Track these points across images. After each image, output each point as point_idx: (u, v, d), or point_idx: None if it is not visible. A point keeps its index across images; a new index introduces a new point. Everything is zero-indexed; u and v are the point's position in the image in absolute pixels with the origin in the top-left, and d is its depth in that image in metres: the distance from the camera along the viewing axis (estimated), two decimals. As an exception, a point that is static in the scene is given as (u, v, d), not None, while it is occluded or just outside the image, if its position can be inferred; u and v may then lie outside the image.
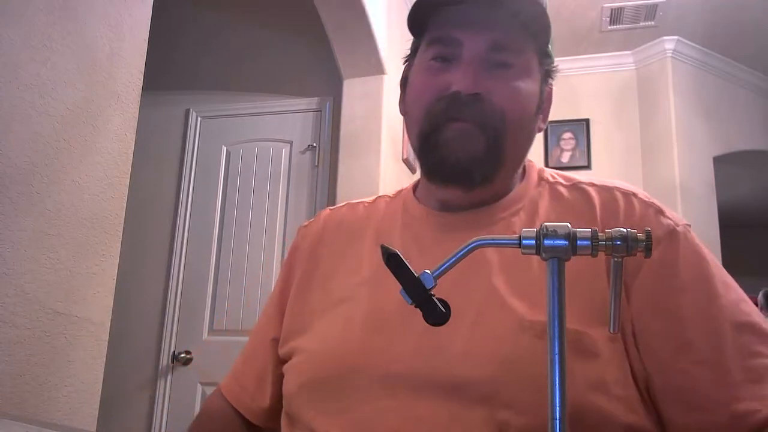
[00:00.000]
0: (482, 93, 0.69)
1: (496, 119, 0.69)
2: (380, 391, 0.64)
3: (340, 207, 0.88)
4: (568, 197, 0.73)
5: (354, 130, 2.74)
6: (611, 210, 0.69)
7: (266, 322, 0.85)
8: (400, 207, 0.81)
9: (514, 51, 0.71)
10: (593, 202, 0.71)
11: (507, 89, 0.70)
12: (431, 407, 0.61)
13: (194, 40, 3.29)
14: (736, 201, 5.12)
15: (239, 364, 0.87)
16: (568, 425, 0.38)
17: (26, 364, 1.09)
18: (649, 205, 0.70)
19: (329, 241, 0.83)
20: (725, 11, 3.30)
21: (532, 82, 0.72)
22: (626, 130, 3.69)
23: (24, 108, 1.10)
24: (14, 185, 1.08)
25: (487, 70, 0.70)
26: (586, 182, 0.75)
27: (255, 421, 0.83)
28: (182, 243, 3.01)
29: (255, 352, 0.85)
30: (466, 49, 0.70)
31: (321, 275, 0.80)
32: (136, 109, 1.39)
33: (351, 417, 0.64)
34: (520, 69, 0.71)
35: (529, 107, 0.72)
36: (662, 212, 0.69)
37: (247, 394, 0.83)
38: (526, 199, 0.74)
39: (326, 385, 0.68)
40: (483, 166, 0.70)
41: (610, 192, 0.72)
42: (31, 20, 1.11)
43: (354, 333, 0.69)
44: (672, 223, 0.68)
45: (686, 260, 0.66)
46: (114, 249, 1.31)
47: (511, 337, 0.62)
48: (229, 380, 0.87)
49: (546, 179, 0.77)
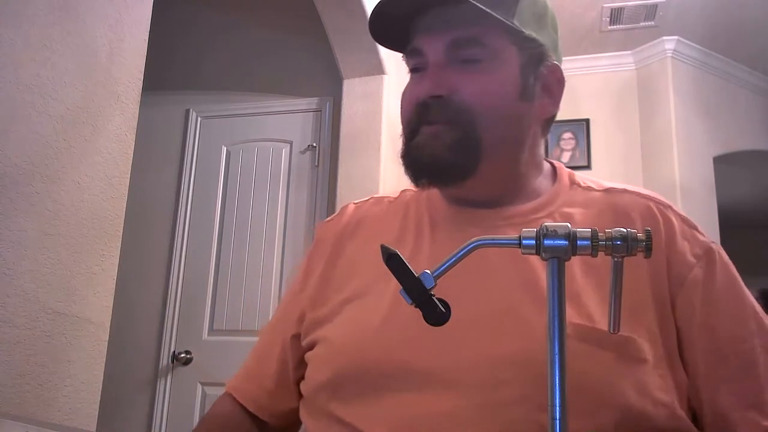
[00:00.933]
0: (446, 94, 0.71)
1: (462, 115, 0.70)
2: (404, 384, 0.64)
3: (366, 201, 0.88)
4: (606, 206, 0.74)
5: (354, 130, 2.74)
6: (651, 223, 0.71)
7: (284, 320, 0.83)
8: (426, 201, 0.81)
9: (476, 44, 0.72)
10: (630, 213, 0.72)
11: (471, 83, 0.71)
12: (457, 403, 0.62)
13: (194, 40, 3.29)
14: (736, 201, 5.12)
15: (253, 364, 0.85)
16: (615, 429, 0.39)
17: (26, 364, 1.09)
18: (684, 221, 0.73)
19: (354, 234, 0.82)
20: (725, 11, 3.30)
21: (504, 69, 0.72)
22: (626, 130, 3.69)
23: (24, 108, 1.10)
24: (14, 185, 1.08)
25: (453, 69, 0.72)
26: (619, 188, 0.76)
27: (274, 423, 0.82)
28: (182, 243, 3.01)
29: (272, 351, 0.82)
30: (428, 55, 0.73)
31: (345, 267, 0.79)
32: (136, 109, 1.39)
33: (376, 409, 0.65)
34: (487, 59, 0.72)
35: (505, 95, 0.72)
36: (696, 228, 0.72)
37: (266, 395, 0.81)
38: (558, 202, 0.75)
39: (350, 377, 0.68)
40: (454, 161, 0.71)
41: (646, 202, 0.73)
42: (31, 20, 1.11)
43: (378, 326, 0.69)
44: (708, 241, 0.71)
45: (723, 280, 0.69)
46: (114, 249, 1.31)
47: (538, 338, 0.62)
48: (240, 382, 0.84)
49: (578, 183, 0.78)
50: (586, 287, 0.66)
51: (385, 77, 2.74)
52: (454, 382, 0.63)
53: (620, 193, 0.75)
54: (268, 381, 0.82)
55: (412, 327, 0.66)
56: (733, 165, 3.95)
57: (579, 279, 0.66)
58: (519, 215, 0.74)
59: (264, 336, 0.86)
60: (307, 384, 0.74)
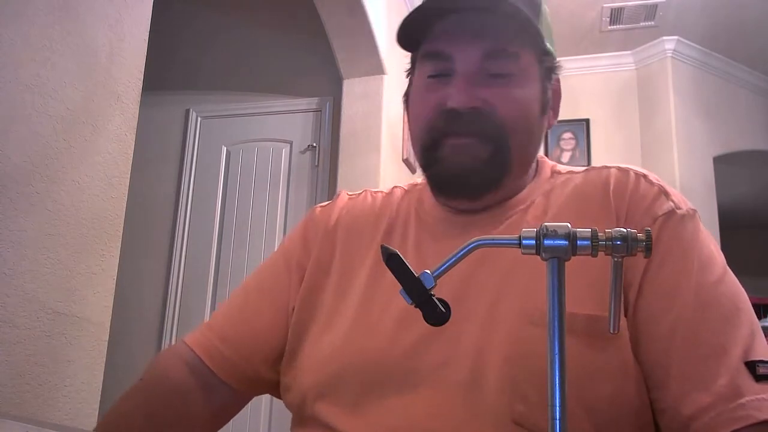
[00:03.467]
0: (480, 106, 0.68)
1: (497, 130, 0.69)
2: (397, 385, 0.64)
3: (359, 195, 0.86)
4: (582, 181, 0.73)
5: (354, 130, 2.74)
6: (622, 188, 0.69)
7: (278, 285, 0.79)
8: (416, 201, 0.80)
9: (509, 57, 0.70)
10: (609, 180, 0.71)
11: (506, 98, 0.69)
12: (449, 401, 0.62)
13: (194, 40, 3.29)
14: (736, 201, 5.12)
15: (235, 322, 0.78)
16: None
17: (26, 364, 1.09)
18: (654, 185, 0.69)
19: (346, 227, 0.81)
20: (725, 11, 3.30)
21: (532, 85, 0.72)
22: (626, 130, 3.69)
23: (24, 108, 1.10)
24: (14, 185, 1.08)
25: (483, 81, 0.69)
26: (603, 166, 0.75)
27: (244, 390, 0.77)
28: (182, 243, 3.01)
29: (261, 314, 0.78)
30: (459, 63, 0.69)
31: (337, 262, 0.78)
32: (136, 109, 1.39)
33: (368, 412, 0.64)
34: (518, 74, 0.70)
35: (532, 111, 0.72)
36: (667, 194, 0.68)
37: (241, 358, 0.76)
38: (538, 193, 0.74)
39: (342, 380, 0.67)
40: (484, 176, 0.70)
41: (625, 172, 0.72)
42: (31, 20, 1.11)
43: (369, 328, 0.69)
44: (672, 206, 0.67)
45: (673, 237, 0.65)
46: (114, 249, 1.31)
47: (525, 332, 0.62)
48: (212, 340, 0.77)
49: (559, 171, 0.78)
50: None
51: (385, 77, 2.74)
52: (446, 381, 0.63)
53: (599, 170, 0.74)
54: (247, 342, 0.76)
55: (403, 329, 0.67)
56: (733, 165, 3.95)
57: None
58: (500, 212, 0.73)
59: (246, 292, 0.81)
60: (297, 388, 0.72)
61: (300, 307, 0.76)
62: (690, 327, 0.61)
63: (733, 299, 0.62)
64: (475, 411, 0.61)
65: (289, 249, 0.83)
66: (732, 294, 0.63)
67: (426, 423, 0.61)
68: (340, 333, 0.71)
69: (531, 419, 0.59)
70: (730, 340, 0.59)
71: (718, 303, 0.62)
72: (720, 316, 0.61)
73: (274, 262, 0.83)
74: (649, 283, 0.64)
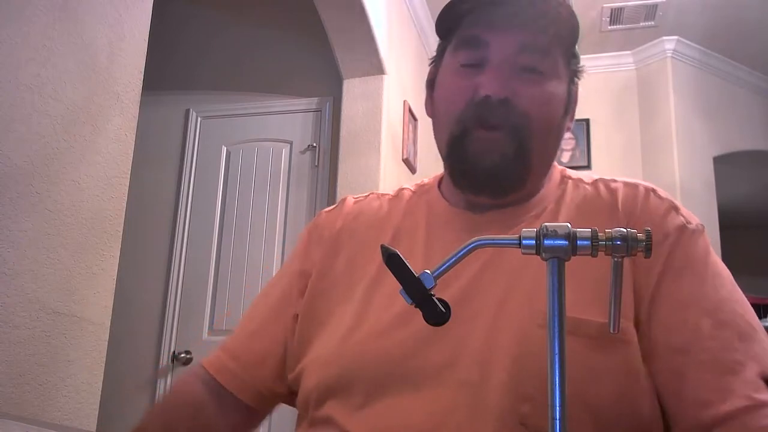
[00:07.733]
0: (510, 97, 0.68)
1: (523, 124, 0.69)
2: (403, 385, 0.64)
3: (365, 197, 0.86)
4: (591, 192, 0.74)
5: (354, 130, 2.74)
6: (632, 203, 0.70)
7: (282, 297, 0.80)
8: (424, 204, 0.80)
9: (541, 53, 0.70)
10: (617, 195, 0.72)
11: (535, 94, 0.69)
12: (455, 401, 0.62)
13: (194, 40, 3.29)
14: (736, 201, 5.12)
15: (243, 340, 0.80)
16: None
17: (26, 364, 1.09)
18: (664, 201, 0.71)
19: (351, 231, 0.81)
20: (725, 11, 3.30)
21: (559, 85, 0.72)
22: (626, 130, 3.69)
23: (24, 108, 1.10)
24: (14, 185, 1.08)
25: (516, 74, 0.69)
26: (610, 179, 0.75)
27: (256, 404, 0.79)
28: (182, 243, 3.01)
29: (266, 329, 0.79)
30: (494, 51, 0.69)
31: (342, 266, 0.78)
32: (136, 109, 1.39)
33: (374, 412, 0.64)
34: (549, 72, 0.70)
35: (557, 111, 0.72)
36: (677, 209, 0.70)
37: (250, 374, 0.78)
38: (549, 198, 0.75)
39: (347, 380, 0.67)
40: (511, 173, 0.70)
41: (634, 187, 0.73)
42: (31, 20, 1.11)
43: (374, 328, 0.69)
44: (683, 221, 0.69)
45: (687, 252, 0.67)
46: (114, 249, 1.31)
47: (531, 333, 0.63)
48: (223, 359, 0.79)
49: (569, 177, 0.78)
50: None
51: (385, 77, 2.74)
52: (450, 380, 0.63)
53: (611, 182, 0.75)
54: (254, 358, 0.78)
55: (407, 330, 0.67)
56: (733, 165, 3.95)
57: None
58: (512, 217, 0.74)
59: (257, 310, 0.83)
60: (303, 388, 0.72)
61: (304, 314, 0.77)
62: (708, 343, 0.62)
63: (745, 316, 0.64)
64: (480, 411, 0.61)
65: (294, 260, 0.84)
66: (744, 310, 0.65)
67: (431, 422, 0.62)
68: (345, 334, 0.71)
69: (536, 420, 0.59)
70: (748, 356, 0.61)
71: (733, 320, 0.63)
72: (736, 333, 0.62)
73: (281, 276, 0.84)
74: (665, 295, 0.64)
